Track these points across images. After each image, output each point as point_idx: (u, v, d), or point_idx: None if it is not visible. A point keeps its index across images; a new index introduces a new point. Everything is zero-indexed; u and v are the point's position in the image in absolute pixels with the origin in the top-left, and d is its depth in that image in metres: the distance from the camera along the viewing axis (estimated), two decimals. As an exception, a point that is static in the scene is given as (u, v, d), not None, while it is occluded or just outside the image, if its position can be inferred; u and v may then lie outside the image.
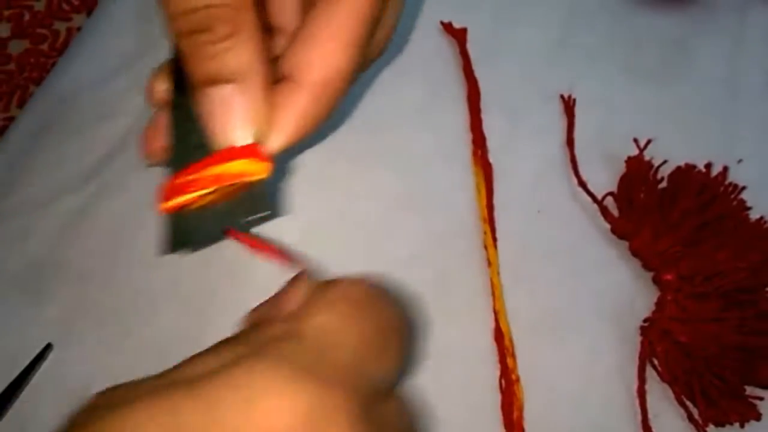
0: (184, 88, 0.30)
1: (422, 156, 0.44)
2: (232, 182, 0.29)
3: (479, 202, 0.43)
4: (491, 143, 0.44)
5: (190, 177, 0.30)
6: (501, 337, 0.39)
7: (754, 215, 0.40)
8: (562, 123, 0.44)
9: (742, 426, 0.37)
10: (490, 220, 0.42)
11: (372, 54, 0.33)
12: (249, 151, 0.30)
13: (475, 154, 0.44)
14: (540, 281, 0.41)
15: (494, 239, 0.41)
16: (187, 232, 0.31)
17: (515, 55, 0.47)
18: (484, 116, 0.45)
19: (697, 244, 0.39)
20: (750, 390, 0.37)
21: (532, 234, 0.42)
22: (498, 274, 0.41)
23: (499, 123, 0.45)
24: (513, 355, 0.38)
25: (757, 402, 0.37)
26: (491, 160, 0.44)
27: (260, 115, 0.29)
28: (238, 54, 0.28)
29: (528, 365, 0.39)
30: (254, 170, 0.30)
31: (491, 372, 0.38)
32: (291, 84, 0.30)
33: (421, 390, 0.39)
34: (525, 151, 0.44)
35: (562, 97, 0.45)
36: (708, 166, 0.41)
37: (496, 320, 0.39)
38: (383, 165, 0.44)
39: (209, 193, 0.30)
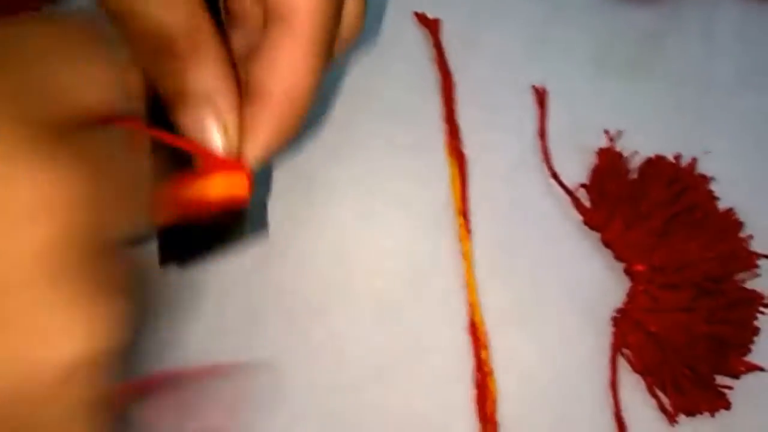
0: None
1: (396, 148, 0.44)
2: (218, 199, 0.29)
3: (454, 194, 0.43)
4: (465, 135, 0.44)
5: (175, 190, 0.29)
6: (475, 330, 0.39)
7: (722, 206, 0.41)
8: (535, 115, 0.45)
9: (712, 415, 0.37)
10: (465, 213, 0.42)
11: (337, 52, 0.33)
12: (229, 168, 0.29)
13: (449, 146, 0.44)
14: (514, 273, 0.41)
15: (468, 231, 0.42)
16: (174, 250, 0.31)
17: (489, 46, 0.47)
18: (458, 108, 0.45)
19: (667, 235, 0.39)
20: (720, 379, 0.38)
21: (506, 226, 0.42)
22: (472, 266, 0.41)
23: (473, 115, 0.45)
24: (487, 348, 0.39)
25: (727, 391, 0.37)
26: (465, 151, 0.44)
27: (233, 133, 0.29)
28: (202, 75, 0.28)
29: (502, 358, 0.39)
30: (236, 189, 0.29)
31: (465, 365, 0.39)
32: (256, 99, 0.30)
33: (395, 383, 0.39)
34: (499, 143, 0.44)
35: (535, 89, 0.45)
36: (677, 157, 0.42)
37: (471, 313, 0.40)
38: (357, 157, 0.44)
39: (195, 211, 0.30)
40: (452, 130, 0.44)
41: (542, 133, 0.44)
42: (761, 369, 0.37)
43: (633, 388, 0.38)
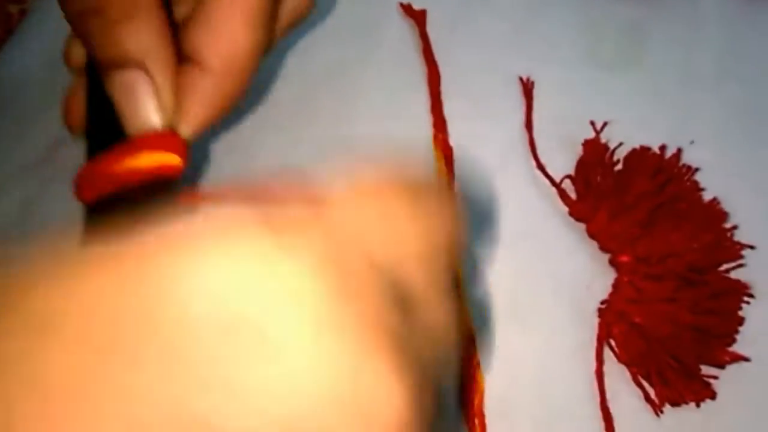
0: None
1: (384, 141, 0.44)
2: (148, 175, 0.29)
3: (440, 187, 0.43)
4: (452, 127, 0.44)
5: (105, 167, 0.29)
6: (463, 323, 0.39)
7: (707, 196, 0.41)
8: (521, 107, 0.45)
9: (697, 405, 0.37)
10: (451, 205, 0.42)
11: (282, 25, 0.33)
12: (163, 139, 0.29)
13: (435, 138, 0.44)
14: (500, 265, 0.41)
15: (455, 224, 0.42)
16: (99, 223, 0.30)
17: (475, 37, 0.47)
18: (444, 100, 0.45)
19: (652, 226, 0.39)
20: (705, 369, 0.38)
21: (492, 218, 0.42)
22: (459, 259, 0.41)
23: (459, 107, 0.45)
24: (474, 341, 0.39)
25: (712, 381, 0.38)
26: (452, 143, 0.44)
27: (166, 100, 0.28)
28: (136, 37, 0.27)
29: (489, 351, 0.39)
30: (169, 160, 0.29)
31: (453, 358, 0.39)
32: (194, 67, 0.29)
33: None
34: (485, 135, 0.44)
35: (521, 80, 0.45)
36: (662, 148, 0.42)
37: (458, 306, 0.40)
38: (344, 150, 0.44)
39: (125, 185, 0.29)
40: (438, 122, 0.44)
41: (528, 125, 0.44)
42: (746, 359, 0.38)
43: (618, 378, 0.38)
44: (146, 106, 0.28)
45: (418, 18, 0.47)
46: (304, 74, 0.47)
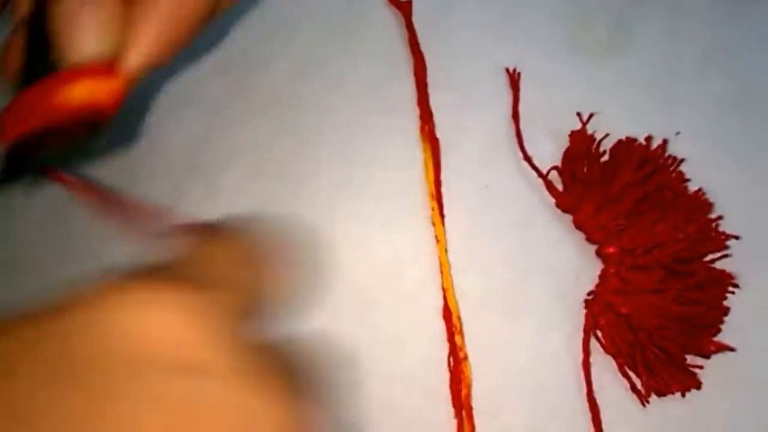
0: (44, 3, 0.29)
1: (370, 133, 0.44)
2: (77, 110, 0.28)
3: (427, 178, 0.43)
4: (438, 118, 0.44)
5: (33, 98, 0.28)
6: (449, 316, 0.39)
7: (692, 187, 0.41)
8: (508, 98, 0.45)
9: (683, 395, 0.38)
10: (438, 197, 0.42)
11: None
12: (98, 72, 0.28)
13: (422, 129, 0.44)
14: (487, 257, 0.41)
15: (442, 216, 0.42)
16: (25, 163, 0.29)
17: (461, 28, 0.47)
18: (431, 91, 0.45)
19: (638, 217, 0.40)
20: (691, 359, 0.38)
21: (479, 210, 0.42)
22: (446, 251, 0.41)
23: (446, 98, 0.45)
24: (461, 333, 0.39)
25: (698, 371, 0.38)
26: (438, 135, 0.44)
27: (111, 28, 0.28)
28: None
29: (476, 342, 0.39)
30: (106, 93, 0.28)
31: (440, 351, 0.39)
32: (142, 2, 0.29)
33: (371, 370, 0.39)
34: (472, 126, 0.44)
35: (507, 71, 0.45)
36: (648, 139, 0.42)
37: (444, 298, 0.40)
38: (330, 143, 0.44)
39: (52, 123, 0.28)
40: (425, 114, 0.44)
41: (515, 116, 0.44)
42: (731, 349, 0.38)
43: (605, 369, 0.39)
44: (87, 34, 0.27)
45: (404, 8, 0.47)
46: (288, 64, 0.46)
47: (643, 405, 0.38)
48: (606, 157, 0.42)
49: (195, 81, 0.46)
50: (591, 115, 0.43)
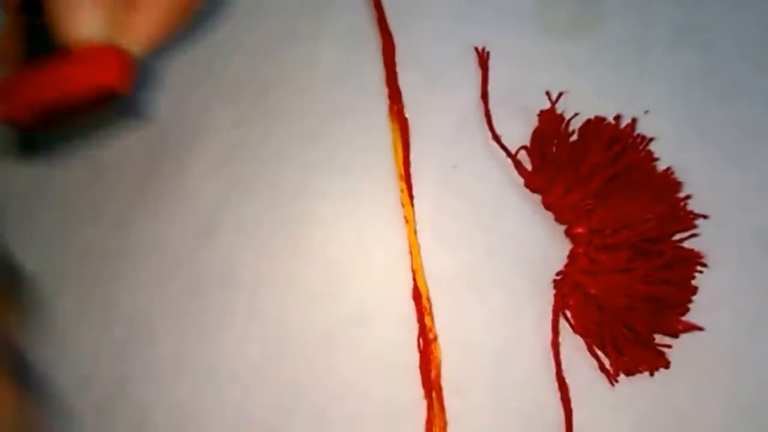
0: None
1: (338, 113, 0.44)
2: (90, 85, 0.28)
3: (396, 159, 0.42)
4: (407, 98, 0.44)
5: (42, 81, 0.28)
6: (419, 296, 0.39)
7: (661, 166, 0.41)
8: (477, 77, 0.44)
9: (651, 374, 0.38)
10: (407, 177, 0.42)
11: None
12: (104, 52, 0.28)
13: (391, 110, 0.44)
14: (456, 238, 0.41)
15: (411, 197, 0.42)
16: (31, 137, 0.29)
17: (430, 7, 0.46)
18: (400, 71, 0.45)
19: (606, 197, 0.39)
20: (659, 339, 0.38)
21: (448, 190, 0.42)
22: (415, 232, 0.41)
23: (414, 77, 0.44)
24: (431, 314, 0.39)
25: (666, 350, 0.38)
26: (407, 115, 0.44)
27: (110, 9, 0.27)
28: None
29: (446, 323, 0.39)
30: (107, 75, 0.28)
31: (410, 332, 0.39)
32: None
33: (341, 351, 0.39)
34: (441, 106, 0.44)
35: (476, 50, 0.45)
36: (617, 118, 0.42)
37: (414, 279, 0.40)
38: (298, 124, 0.44)
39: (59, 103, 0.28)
40: (394, 94, 0.44)
41: (484, 95, 0.44)
42: (699, 328, 0.38)
43: (574, 348, 0.39)
44: (88, 14, 0.27)
45: (373, -12, 0.47)
46: (256, 45, 0.46)
47: (612, 384, 0.38)
48: (575, 137, 0.42)
49: (162, 63, 0.46)
50: (560, 94, 0.43)
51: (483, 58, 0.44)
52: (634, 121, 0.42)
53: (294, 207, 0.42)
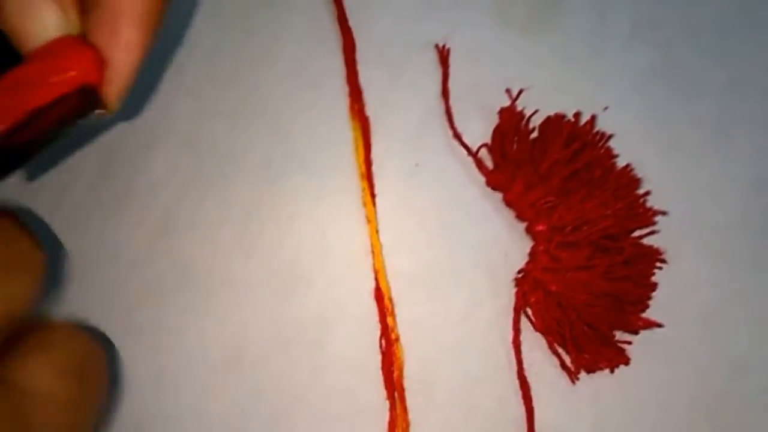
0: None
1: (298, 111, 0.43)
2: (66, 82, 0.27)
3: (357, 158, 0.42)
4: (368, 96, 0.44)
5: (13, 89, 0.27)
6: (381, 297, 0.39)
7: (621, 162, 0.41)
8: (437, 74, 0.44)
9: (612, 371, 0.38)
10: (368, 176, 0.42)
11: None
12: (72, 44, 0.27)
13: (351, 108, 0.43)
14: (418, 237, 0.41)
15: (372, 196, 0.41)
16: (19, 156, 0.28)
17: (390, 4, 0.46)
18: (360, 68, 0.44)
19: (567, 194, 0.39)
20: (619, 335, 0.39)
21: (410, 189, 0.42)
22: (377, 231, 0.41)
23: (375, 75, 0.44)
24: (393, 314, 0.39)
25: (626, 347, 0.38)
26: (368, 113, 0.43)
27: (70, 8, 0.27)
28: None
29: (408, 323, 0.39)
30: (89, 64, 0.27)
31: (372, 333, 0.39)
32: None
33: (301, 353, 0.39)
34: (402, 104, 0.44)
35: (437, 47, 0.44)
36: (577, 115, 0.42)
37: (376, 279, 0.39)
38: (258, 121, 0.43)
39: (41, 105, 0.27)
40: (354, 92, 0.43)
41: (445, 93, 0.43)
42: (659, 325, 0.38)
43: (535, 347, 0.39)
44: (45, 11, 0.27)
45: (332, -17, 0.46)
46: (215, 42, 0.45)
47: (573, 382, 0.38)
48: (536, 134, 0.42)
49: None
50: (520, 91, 0.43)
51: (443, 55, 0.44)
52: (593, 118, 0.42)
53: (253, 206, 0.41)
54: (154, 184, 0.42)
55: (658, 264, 0.39)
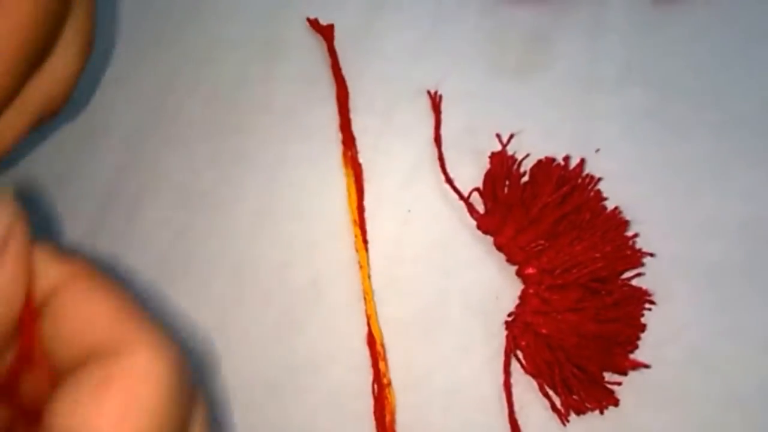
0: None
1: (292, 159, 0.45)
2: None
3: (349, 204, 0.43)
4: (361, 143, 0.45)
5: None
6: (373, 342, 0.40)
7: (610, 205, 0.42)
8: (430, 120, 0.45)
9: (601, 412, 0.38)
10: (361, 223, 0.43)
11: (29, 109, 0.32)
12: None
13: (344, 155, 0.44)
14: (410, 282, 0.41)
15: (365, 242, 0.42)
16: None
17: (382, 51, 0.47)
18: (353, 116, 0.45)
19: (556, 237, 0.40)
20: (609, 377, 0.39)
21: (402, 234, 0.43)
22: (369, 277, 0.41)
23: (368, 122, 0.45)
24: (385, 359, 0.39)
25: (615, 387, 0.38)
26: (361, 160, 0.44)
27: None
28: None
29: (400, 368, 0.39)
30: None
31: (364, 377, 0.39)
32: None
33: (293, 399, 0.39)
34: (395, 150, 0.45)
35: (429, 93, 0.46)
36: (566, 158, 0.43)
37: (368, 324, 0.40)
38: (251, 169, 0.44)
39: None
40: (347, 140, 0.44)
41: (437, 139, 0.44)
42: (646, 366, 0.39)
43: (526, 389, 0.39)
44: None
45: (326, 33, 0.47)
46: (209, 89, 0.46)
47: (564, 424, 0.38)
48: (526, 178, 0.43)
49: (111, 110, 0.46)
50: (511, 136, 0.44)
51: (435, 102, 0.45)
52: (582, 161, 0.43)
53: (247, 254, 0.42)
54: (147, 235, 0.43)
55: (647, 305, 0.40)
